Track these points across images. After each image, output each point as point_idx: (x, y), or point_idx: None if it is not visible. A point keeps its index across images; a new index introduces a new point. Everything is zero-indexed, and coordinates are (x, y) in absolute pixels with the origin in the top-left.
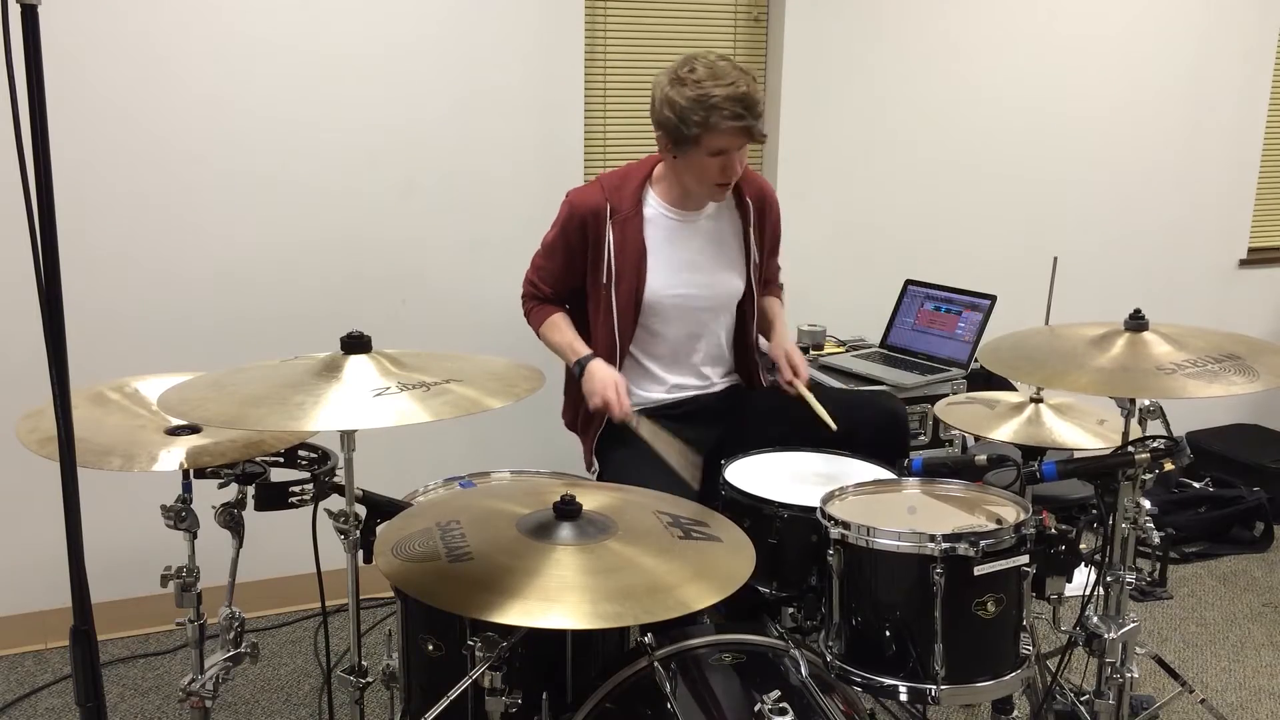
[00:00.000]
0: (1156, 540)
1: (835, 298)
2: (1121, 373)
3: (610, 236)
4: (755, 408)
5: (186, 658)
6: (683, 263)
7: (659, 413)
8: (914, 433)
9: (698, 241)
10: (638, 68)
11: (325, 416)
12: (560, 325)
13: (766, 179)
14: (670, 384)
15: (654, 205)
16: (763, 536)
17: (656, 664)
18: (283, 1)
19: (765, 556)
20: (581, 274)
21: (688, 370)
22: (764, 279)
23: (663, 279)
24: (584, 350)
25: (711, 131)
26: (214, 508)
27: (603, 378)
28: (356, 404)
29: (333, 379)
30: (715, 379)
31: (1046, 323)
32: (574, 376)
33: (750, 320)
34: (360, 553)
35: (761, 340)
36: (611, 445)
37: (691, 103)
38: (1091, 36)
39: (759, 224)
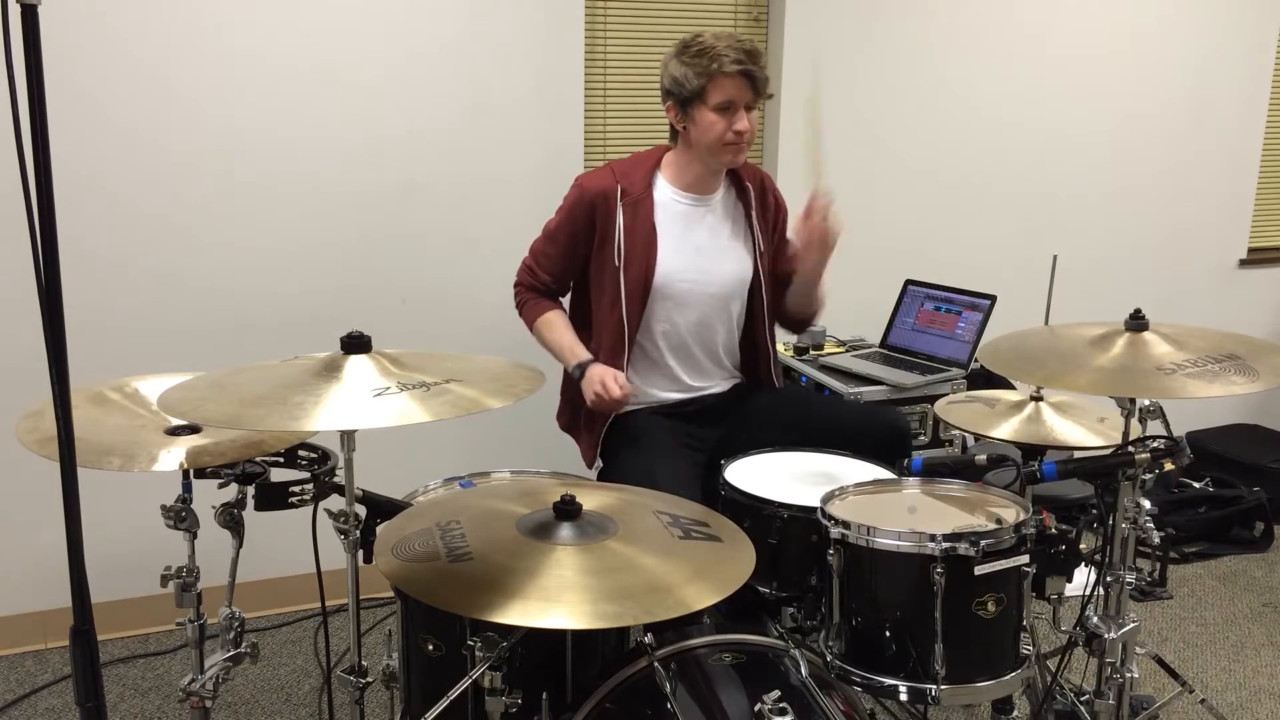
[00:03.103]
0: (1156, 540)
1: (835, 298)
2: (1121, 373)
3: (620, 218)
4: (759, 408)
5: (186, 658)
6: (693, 246)
7: (665, 412)
8: (914, 433)
9: (707, 226)
10: (638, 68)
11: (325, 417)
12: (557, 324)
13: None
14: (678, 381)
15: (664, 189)
16: (763, 536)
17: (656, 664)
18: (283, 3)
19: (765, 556)
20: (584, 260)
21: (696, 364)
22: (789, 269)
23: (673, 262)
24: (584, 354)
25: (715, 80)
26: (214, 508)
27: (600, 372)
28: (356, 404)
29: (333, 379)
30: (721, 377)
31: (1046, 323)
32: (573, 379)
33: (760, 313)
34: (360, 553)
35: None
36: (617, 444)
37: (695, 57)
38: (1092, 36)
39: (760, 207)
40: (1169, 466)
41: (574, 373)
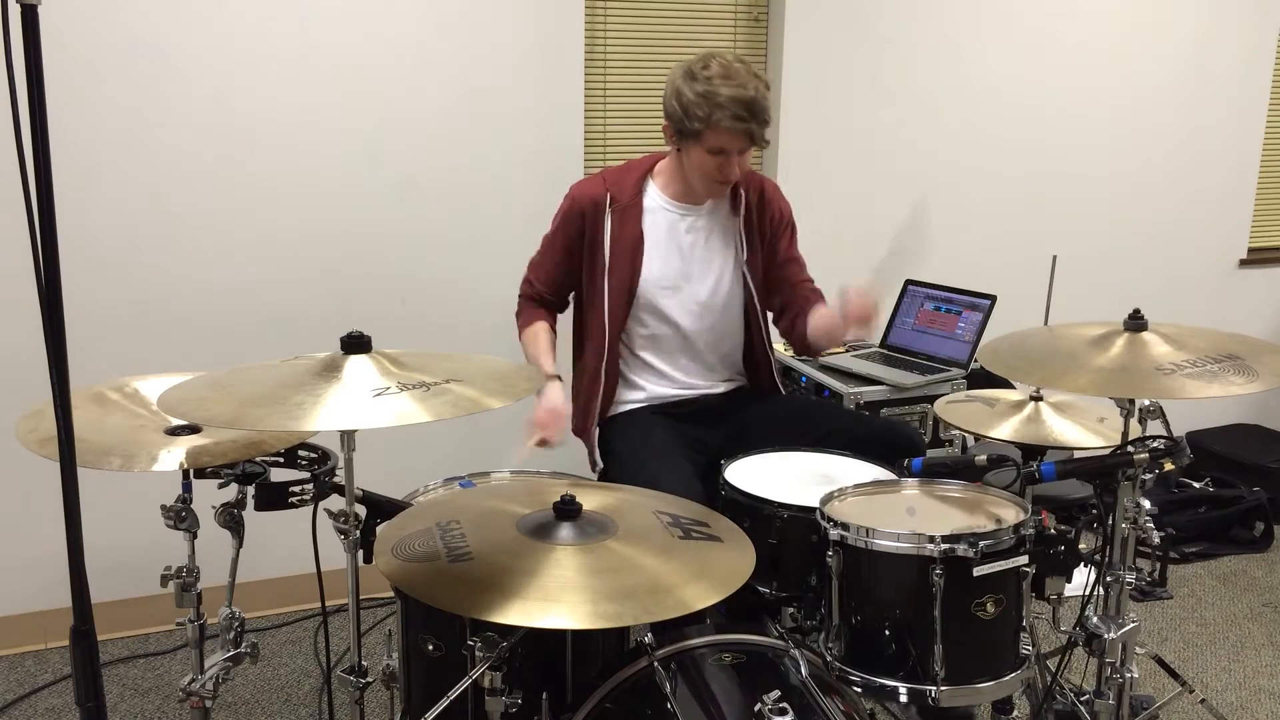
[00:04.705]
0: (1156, 540)
1: (835, 297)
2: (1121, 373)
3: (608, 225)
4: (761, 415)
5: (186, 658)
6: (679, 254)
7: (664, 409)
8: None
9: (695, 235)
10: (638, 68)
11: (325, 416)
12: (538, 338)
13: (768, 177)
14: (673, 379)
15: (654, 197)
16: (763, 536)
17: (656, 664)
18: (283, 2)
19: (765, 556)
20: (579, 269)
21: (685, 369)
22: (788, 275)
23: (658, 269)
24: (550, 370)
25: (713, 129)
26: (214, 508)
27: (547, 403)
28: (356, 404)
29: (333, 379)
30: (719, 379)
31: (1046, 323)
32: (581, 385)
33: (755, 322)
34: (360, 553)
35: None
36: (618, 443)
37: (698, 97)
38: (1091, 36)
39: (758, 216)
40: (1169, 466)
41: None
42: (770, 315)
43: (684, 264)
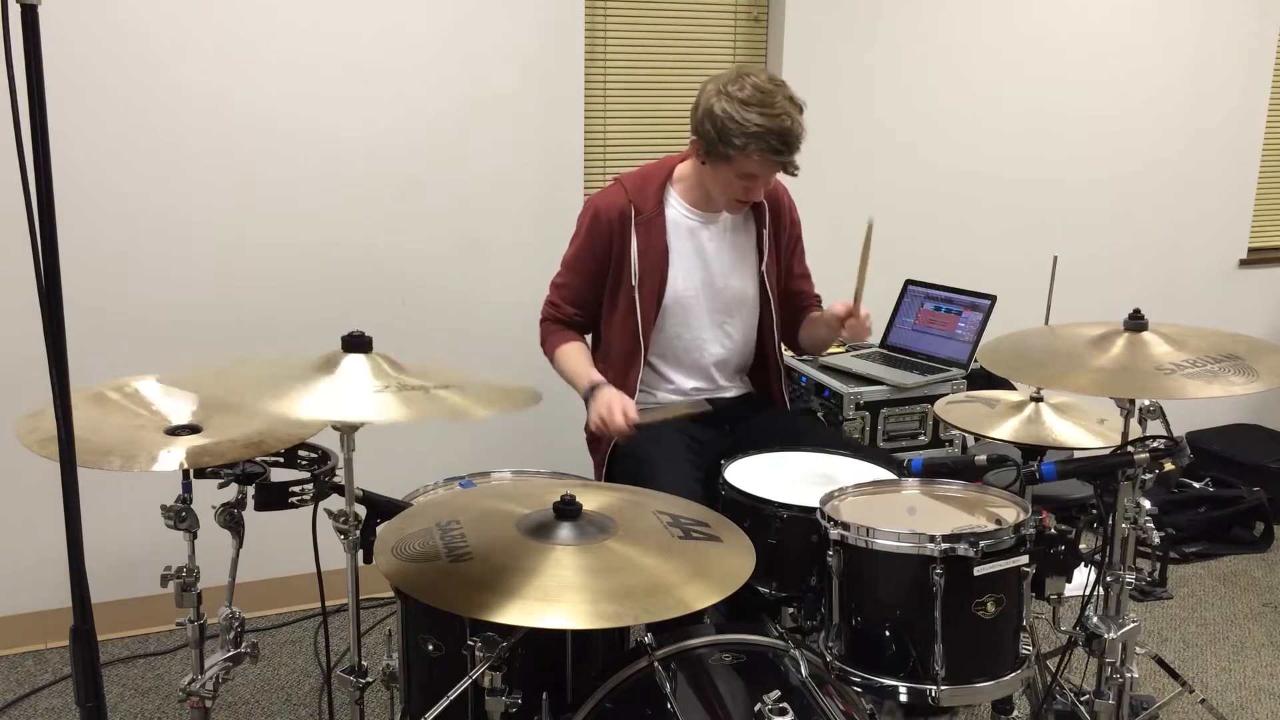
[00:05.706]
0: (1156, 540)
1: (835, 297)
2: (1121, 373)
3: (634, 238)
4: (768, 417)
5: (186, 658)
6: (703, 263)
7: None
8: (914, 433)
9: (717, 242)
10: (638, 68)
11: (321, 407)
12: (573, 354)
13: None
14: (685, 387)
15: (675, 206)
16: (763, 536)
17: (656, 664)
18: (284, 3)
19: (765, 556)
20: (605, 283)
21: (703, 373)
22: (797, 289)
23: (684, 279)
24: (597, 377)
25: (745, 157)
26: (214, 508)
27: (607, 399)
28: (356, 402)
29: (330, 375)
30: (729, 384)
31: (1046, 323)
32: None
33: (769, 326)
34: (360, 553)
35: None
36: (624, 451)
37: (733, 123)
38: (1091, 36)
39: (774, 224)
40: (1169, 466)
41: (585, 394)
42: (777, 326)
43: (706, 273)
